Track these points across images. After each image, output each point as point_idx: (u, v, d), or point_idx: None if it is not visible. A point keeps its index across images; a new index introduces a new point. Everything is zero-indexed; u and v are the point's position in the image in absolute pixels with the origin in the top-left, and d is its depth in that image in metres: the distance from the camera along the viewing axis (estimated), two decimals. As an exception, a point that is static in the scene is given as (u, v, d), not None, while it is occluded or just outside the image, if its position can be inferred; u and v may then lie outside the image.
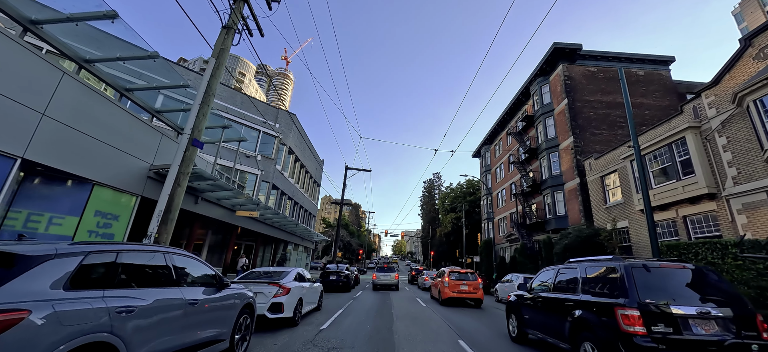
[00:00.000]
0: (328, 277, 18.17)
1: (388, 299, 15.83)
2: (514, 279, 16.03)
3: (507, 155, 33.82)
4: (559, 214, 22.61)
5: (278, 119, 25.09)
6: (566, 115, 22.91)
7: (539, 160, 25.68)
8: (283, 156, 25.33)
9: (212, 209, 15.30)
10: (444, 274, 14.88)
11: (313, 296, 9.84)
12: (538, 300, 7.03)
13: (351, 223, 78.29)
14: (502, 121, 34.93)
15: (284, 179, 25.46)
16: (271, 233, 22.57)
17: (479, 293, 13.92)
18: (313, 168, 34.31)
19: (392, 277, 20.97)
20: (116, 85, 9.35)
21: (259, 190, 21.89)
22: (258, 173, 21.41)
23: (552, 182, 23.47)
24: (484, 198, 39.31)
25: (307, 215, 33.78)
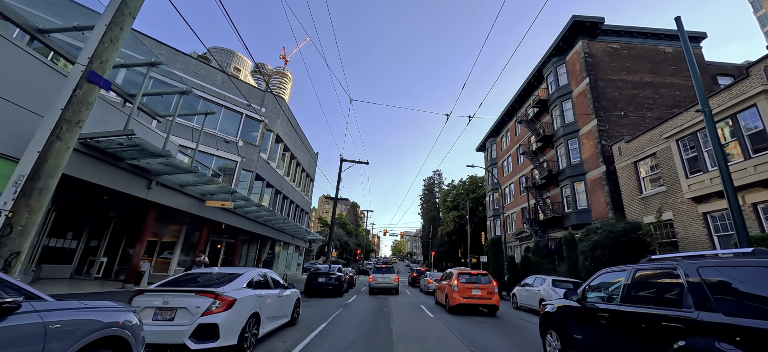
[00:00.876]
0: (315, 280, 15.52)
1: (386, 306, 13.17)
2: (537, 283, 13.39)
3: (516, 146, 31.21)
4: (580, 207, 19.98)
5: (264, 103, 22.47)
6: (587, 97, 20.30)
7: (555, 148, 23.07)
8: (269, 144, 22.69)
9: (174, 197, 12.65)
10: (452, 276, 12.27)
11: (282, 307, 7.19)
12: (599, 314, 4.72)
13: (349, 222, 75.58)
14: (510, 110, 32.33)
15: (271, 170, 22.80)
16: (254, 229, 19.93)
17: (494, 298, 11.29)
18: (306, 161, 31.68)
19: (391, 279, 18.32)
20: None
21: (240, 179, 19.23)
22: (238, 160, 18.75)
23: (571, 171, 20.85)
24: (490, 194, 36.69)
25: (300, 211, 31.13)
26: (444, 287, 12.67)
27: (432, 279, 19.31)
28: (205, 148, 17.63)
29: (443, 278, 13.75)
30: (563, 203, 21.51)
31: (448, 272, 13.48)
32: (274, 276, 7.27)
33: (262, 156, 21.35)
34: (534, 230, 23.29)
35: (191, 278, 5.69)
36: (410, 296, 18.17)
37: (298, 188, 30.15)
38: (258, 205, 17.15)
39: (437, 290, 14.26)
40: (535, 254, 21.66)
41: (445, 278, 13.43)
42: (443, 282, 13.22)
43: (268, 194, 23.29)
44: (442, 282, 13.45)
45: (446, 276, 13.42)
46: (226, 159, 18.46)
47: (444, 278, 13.60)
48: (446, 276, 13.42)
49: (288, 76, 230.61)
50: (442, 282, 13.45)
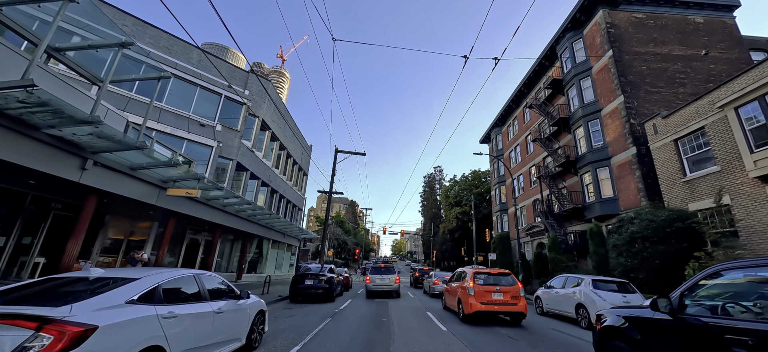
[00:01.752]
0: (301, 282, 13.14)
1: (385, 313, 10.80)
2: (569, 284, 11.02)
3: (525, 134, 28.84)
4: (604, 196, 17.62)
5: (248, 85, 20.07)
6: (611, 71, 17.95)
7: (572, 132, 20.71)
8: (254, 131, 20.30)
9: (122, 182, 10.24)
10: (464, 276, 9.92)
11: (228, 326, 4.80)
12: (729, 336, 2.28)
13: (347, 221, 73.19)
14: (517, 95, 29.97)
15: (255, 159, 20.40)
16: (237, 225, 17.54)
17: (521, 303, 8.93)
18: (298, 153, 29.28)
19: (391, 280, 15.93)
20: None
21: (217, 168, 16.82)
22: (213, 146, 16.33)
23: (592, 156, 18.49)
24: (496, 187, 34.34)
25: (292, 207, 28.74)
26: (455, 290, 10.31)
27: (438, 280, 16.91)
28: (172, 130, 15.22)
29: (454, 279, 11.38)
30: (584, 193, 19.15)
31: (459, 271, 11.11)
32: (213, 282, 4.89)
33: (244, 143, 18.96)
34: (549, 223, 20.93)
35: (39, 286, 3.29)
36: (413, 300, 15.80)
37: (290, 182, 27.75)
38: (236, 196, 14.77)
39: (446, 293, 11.89)
40: (551, 251, 19.30)
41: (456, 279, 11.06)
42: (454, 284, 10.84)
43: (253, 186, 20.88)
44: (453, 284, 11.09)
45: (457, 277, 11.05)
46: (200, 144, 16.04)
47: (455, 279, 11.23)
48: (457, 277, 11.05)
49: (285, 75, 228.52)
50: (453, 284, 11.09)
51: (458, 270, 11.27)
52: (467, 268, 10.61)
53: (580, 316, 9.42)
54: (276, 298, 13.30)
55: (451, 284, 11.41)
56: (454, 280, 11.20)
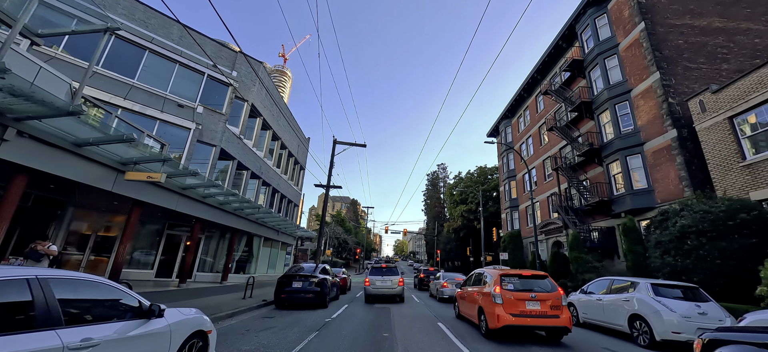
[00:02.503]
0: (288, 285, 11.14)
1: (386, 325, 8.80)
2: (597, 289, 8.95)
3: (538, 125, 26.72)
4: (636, 187, 15.50)
5: (236, 66, 18.14)
6: (643, 46, 15.83)
7: (596, 117, 18.59)
8: (243, 117, 18.35)
9: (65, 161, 8.30)
10: (486, 280, 7.92)
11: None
12: None
13: (348, 220, 71.21)
14: (530, 83, 27.84)
15: (244, 148, 18.45)
16: (218, 219, 15.59)
17: (564, 314, 6.85)
18: (294, 145, 27.32)
19: (394, 282, 13.88)
20: None
21: (194, 154, 14.88)
22: (191, 128, 14.38)
23: (621, 143, 16.38)
24: (506, 182, 32.22)
25: (287, 203, 26.78)
26: (474, 297, 8.25)
27: (447, 282, 14.83)
28: (141, 108, 13.28)
29: (470, 283, 9.33)
30: (610, 184, 17.02)
31: (478, 273, 9.05)
32: (85, 292, 2.88)
33: (231, 129, 17.01)
34: (570, 219, 18.81)
35: None
36: (419, 306, 13.76)
37: (285, 176, 25.80)
38: (216, 184, 12.81)
39: (460, 299, 9.83)
40: (573, 249, 17.16)
41: (473, 283, 9.00)
42: (471, 288, 8.79)
43: (241, 178, 18.93)
44: (469, 288, 9.04)
45: (475, 279, 9.01)
46: (175, 125, 14.09)
47: (471, 283, 9.19)
48: (475, 279, 9.01)
49: (287, 74, 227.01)
50: (469, 288, 9.04)
51: (476, 272, 9.21)
52: (488, 269, 8.57)
53: (637, 330, 7.35)
54: (259, 303, 11.32)
55: (466, 289, 9.36)
56: (471, 283, 9.15)
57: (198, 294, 12.30)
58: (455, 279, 15.04)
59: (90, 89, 12.03)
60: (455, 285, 14.55)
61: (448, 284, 14.72)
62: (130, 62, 14.17)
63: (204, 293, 12.86)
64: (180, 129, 14.17)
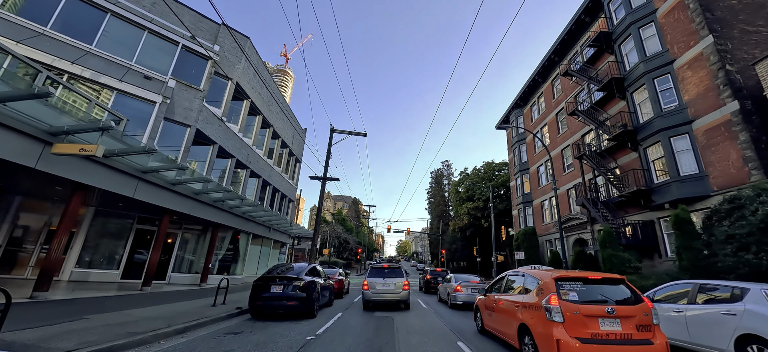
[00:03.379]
0: (266, 290, 8.91)
1: (389, 347, 6.53)
2: (670, 294, 6.63)
3: (555, 111, 24.34)
4: (684, 172, 13.13)
5: (218, 40, 15.98)
6: (691, 8, 13.47)
7: (628, 96, 16.21)
8: (226, 97, 16.18)
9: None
10: (526, 285, 5.67)
11: None
12: None
13: (349, 219, 68.96)
14: (545, 67, 25.47)
15: (227, 132, 16.26)
16: (195, 211, 13.45)
17: (659, 341, 4.46)
18: (288, 134, 25.11)
19: (397, 286, 11.57)
20: None
21: (164, 134, 12.71)
22: (157, 101, 12.19)
23: (663, 122, 14.02)
24: (517, 176, 29.84)
25: (280, 197, 24.59)
26: (512, 310, 5.90)
27: (461, 285, 12.50)
28: (92, 75, 11.09)
29: (499, 288, 7.03)
30: (650, 171, 14.65)
31: (511, 275, 6.76)
32: None
33: (210, 109, 14.83)
34: (599, 213, 16.43)
35: None
36: (428, 314, 11.49)
37: (278, 168, 23.61)
38: (183, 166, 10.63)
39: (486, 309, 7.49)
40: (605, 247, 14.73)
41: (505, 289, 6.71)
42: (502, 297, 6.50)
43: (223, 166, 16.74)
44: (499, 296, 6.74)
45: (507, 284, 6.71)
46: (135, 97, 11.89)
47: (502, 289, 6.89)
48: (507, 284, 6.71)
49: (289, 74, 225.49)
50: (499, 296, 6.74)
51: (510, 274, 6.89)
52: (529, 269, 6.31)
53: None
54: (230, 312, 9.10)
55: (493, 296, 7.06)
56: (503, 289, 6.83)
57: (159, 300, 10.11)
58: (471, 282, 12.73)
59: (32, 51, 9.88)
60: (472, 289, 12.26)
61: (463, 288, 12.40)
62: (87, 26, 12.02)
63: (169, 298, 10.66)
64: (143, 103, 11.97)
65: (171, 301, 10.30)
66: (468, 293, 12.31)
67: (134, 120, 11.82)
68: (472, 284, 12.58)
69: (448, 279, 14.42)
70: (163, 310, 8.58)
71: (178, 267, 15.55)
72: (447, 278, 14.88)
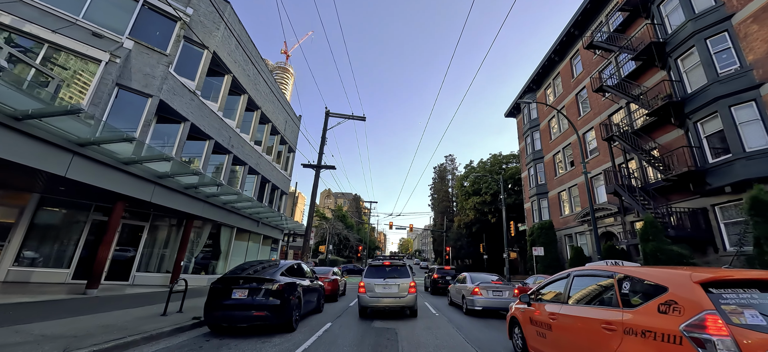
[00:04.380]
0: (226, 296, 6.64)
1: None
2: None
3: (575, 92, 21.94)
4: (751, 147, 10.76)
5: (192, 2, 13.67)
6: (756, -52, 11.06)
7: (671, 63, 13.81)
8: (200, 68, 13.90)
9: None
10: (650, 291, 3.29)
11: None
12: None
13: (350, 215, 66.73)
14: (563, 43, 23.06)
15: (202, 108, 13.99)
16: (160, 199, 11.20)
17: None
18: (281, 121, 22.83)
19: (402, 287, 9.29)
20: None
21: (117, 104, 10.48)
22: (103, 60, 9.93)
23: (721, 90, 11.65)
24: (531, 166, 27.45)
25: (271, 188, 22.35)
26: (600, 335, 3.51)
27: (480, 287, 10.17)
28: (13, 21, 8.81)
29: (560, 296, 4.71)
30: (702, 150, 12.27)
31: (580, 276, 4.44)
32: None
33: (179, 79, 12.55)
34: (636, 201, 14.07)
35: None
36: (441, 323, 9.22)
37: (268, 156, 21.36)
38: (128, 138, 8.39)
39: (534, 325, 5.11)
40: (648, 240, 12.37)
41: (566, 297, 4.36)
42: (565, 310, 4.18)
43: (200, 149, 14.49)
44: (559, 309, 4.40)
45: (575, 288, 4.40)
46: (74, 53, 9.61)
47: (564, 297, 4.58)
48: (575, 288, 4.40)
49: (290, 71, 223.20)
50: (559, 309, 4.40)
51: (577, 273, 4.53)
52: (628, 266, 4.02)
53: None
54: (184, 323, 6.88)
55: (549, 307, 4.72)
56: (567, 298, 4.44)
57: (98, 306, 7.88)
58: (492, 282, 10.41)
59: None
60: (494, 292, 9.96)
61: (482, 291, 10.08)
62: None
63: (112, 303, 8.43)
64: (84, 61, 9.69)
65: (112, 307, 8.07)
66: (489, 296, 9.99)
67: (76, 85, 9.58)
68: (494, 284, 10.25)
69: (462, 279, 12.11)
70: (87, 322, 6.35)
71: (145, 265, 13.34)
72: (460, 277, 12.57)
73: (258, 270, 7.35)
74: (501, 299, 10.07)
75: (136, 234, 13.30)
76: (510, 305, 6.39)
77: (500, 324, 8.91)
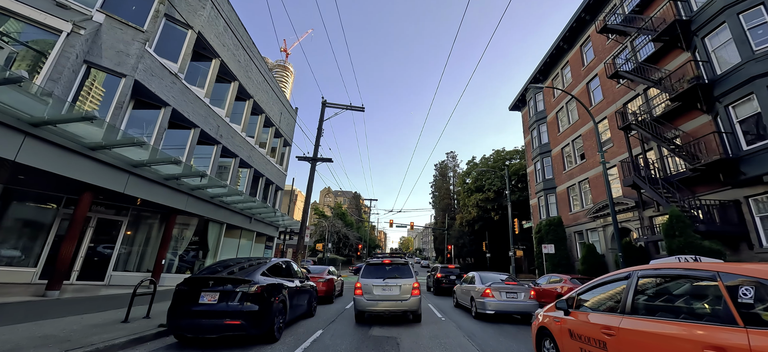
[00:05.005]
0: (193, 301, 5.52)
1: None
2: None
3: (586, 80, 20.77)
4: (795, 133, 9.60)
5: (174, -21, 12.49)
6: None
7: (697, 42, 12.64)
8: (184, 49, 12.75)
9: None
10: None
11: None
12: None
13: (349, 213, 65.59)
14: (573, 29, 21.88)
15: (185, 93, 12.85)
16: (136, 190, 10.09)
17: None
18: (275, 112, 21.69)
19: (404, 289, 8.19)
20: None
21: (75, 80, 9.33)
22: (64, 30, 8.79)
23: (756, 68, 10.49)
24: (537, 161, 26.31)
25: (264, 183, 21.22)
26: None
27: (491, 289, 9.05)
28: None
29: (614, 303, 3.58)
30: (735, 136, 11.12)
31: (664, 277, 3.26)
32: None
33: (156, 58, 11.40)
34: (660, 194, 12.93)
35: None
36: (449, 329, 8.14)
37: (261, 149, 20.23)
38: (92, 117, 7.27)
39: (577, 341, 3.99)
40: (674, 235, 11.25)
41: (628, 306, 3.24)
42: (643, 321, 3.07)
43: (184, 138, 13.36)
44: (620, 321, 3.29)
45: (633, 296, 3.25)
46: (29, 21, 8.48)
47: (616, 304, 3.45)
48: (633, 296, 3.25)
49: (289, 69, 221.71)
50: (620, 321, 3.29)
51: (638, 271, 3.41)
52: (740, 265, 2.85)
53: None
54: (145, 333, 5.81)
55: (603, 318, 3.61)
56: (635, 305, 3.27)
57: (51, 310, 6.78)
58: (504, 283, 9.28)
59: None
60: (507, 294, 8.86)
61: (494, 292, 8.95)
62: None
63: (68, 307, 7.32)
64: (45, 31, 8.55)
65: (68, 312, 6.98)
66: (502, 298, 8.88)
67: (35, 60, 8.45)
68: (507, 285, 9.12)
69: (470, 279, 10.97)
70: (23, 332, 5.25)
71: (123, 263, 12.23)
72: (468, 277, 11.44)
73: (233, 270, 6.23)
74: (515, 302, 8.96)
75: (113, 230, 12.19)
76: (534, 311, 5.27)
77: (517, 331, 7.79)
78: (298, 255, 16.60)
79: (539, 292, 12.71)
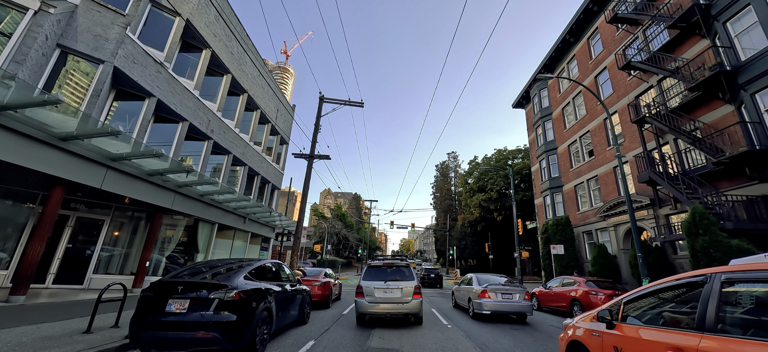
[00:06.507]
0: (159, 310, 4.70)
1: None
2: None
3: (594, 74, 19.96)
4: (834, 121, 8.76)
5: (161, -38, 11.74)
6: None
7: (718, 27, 11.82)
8: (171, 37, 12.01)
9: None
10: None
11: None
12: None
13: (349, 215, 64.71)
14: (580, 21, 21.09)
15: (171, 83, 12.07)
16: (116, 187, 9.32)
17: None
18: (271, 108, 20.91)
19: (404, 292, 7.52)
20: None
21: (54, 73, 8.58)
22: (32, 8, 8.01)
23: (788, 52, 9.66)
24: (542, 159, 25.47)
25: (260, 182, 20.42)
26: None
27: (488, 291, 8.49)
28: None
29: (679, 324, 2.86)
30: (763, 127, 10.30)
31: (751, 279, 2.43)
32: None
33: (139, 44, 10.61)
34: (680, 190, 12.09)
35: None
36: (451, 332, 7.32)
37: (257, 147, 19.44)
38: (53, 96, 6.49)
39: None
40: (697, 234, 10.41)
41: (741, 328, 2.35)
42: (736, 343, 2.17)
43: (171, 132, 12.57)
44: (703, 344, 2.46)
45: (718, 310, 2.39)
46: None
47: (682, 320, 2.74)
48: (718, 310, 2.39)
49: (289, 71, 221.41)
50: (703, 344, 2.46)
51: (721, 275, 2.57)
52: None
53: None
54: (110, 345, 4.97)
55: (661, 337, 2.85)
56: (720, 319, 2.43)
57: (9, 319, 5.96)
58: (501, 284, 9.01)
59: None
60: (503, 295, 8.60)
61: (491, 294, 8.55)
62: None
63: (27, 315, 6.51)
64: (8, 8, 7.77)
65: (23, 321, 6.15)
66: (498, 300, 8.85)
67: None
68: (504, 287, 8.89)
69: (468, 280, 10.60)
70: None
71: (104, 266, 11.42)
72: (466, 279, 11.01)
73: (219, 271, 5.42)
74: (511, 303, 8.98)
75: (94, 230, 11.38)
76: (566, 321, 4.45)
77: (524, 334, 6.94)
78: (294, 257, 15.78)
79: (551, 295, 11.91)
